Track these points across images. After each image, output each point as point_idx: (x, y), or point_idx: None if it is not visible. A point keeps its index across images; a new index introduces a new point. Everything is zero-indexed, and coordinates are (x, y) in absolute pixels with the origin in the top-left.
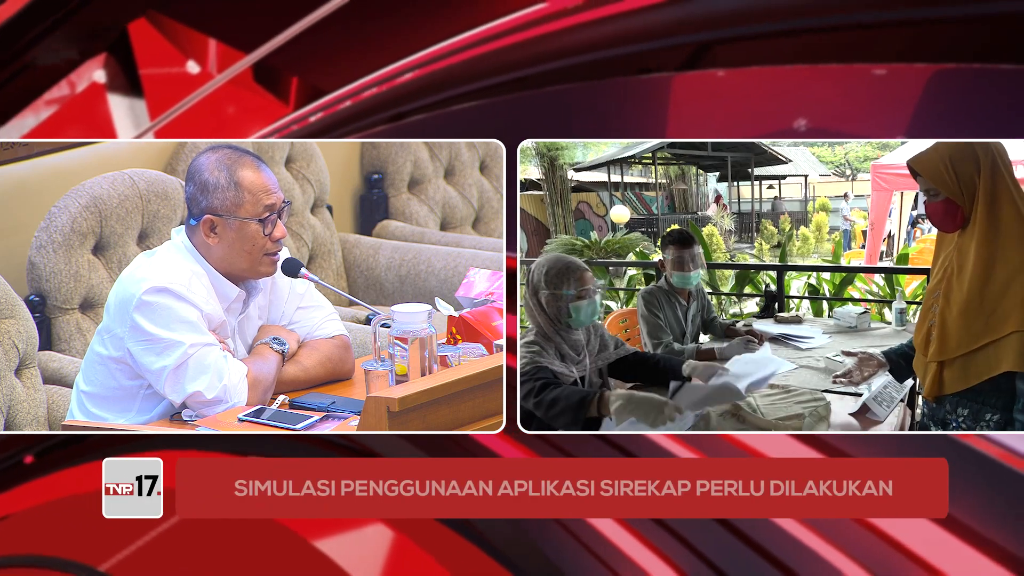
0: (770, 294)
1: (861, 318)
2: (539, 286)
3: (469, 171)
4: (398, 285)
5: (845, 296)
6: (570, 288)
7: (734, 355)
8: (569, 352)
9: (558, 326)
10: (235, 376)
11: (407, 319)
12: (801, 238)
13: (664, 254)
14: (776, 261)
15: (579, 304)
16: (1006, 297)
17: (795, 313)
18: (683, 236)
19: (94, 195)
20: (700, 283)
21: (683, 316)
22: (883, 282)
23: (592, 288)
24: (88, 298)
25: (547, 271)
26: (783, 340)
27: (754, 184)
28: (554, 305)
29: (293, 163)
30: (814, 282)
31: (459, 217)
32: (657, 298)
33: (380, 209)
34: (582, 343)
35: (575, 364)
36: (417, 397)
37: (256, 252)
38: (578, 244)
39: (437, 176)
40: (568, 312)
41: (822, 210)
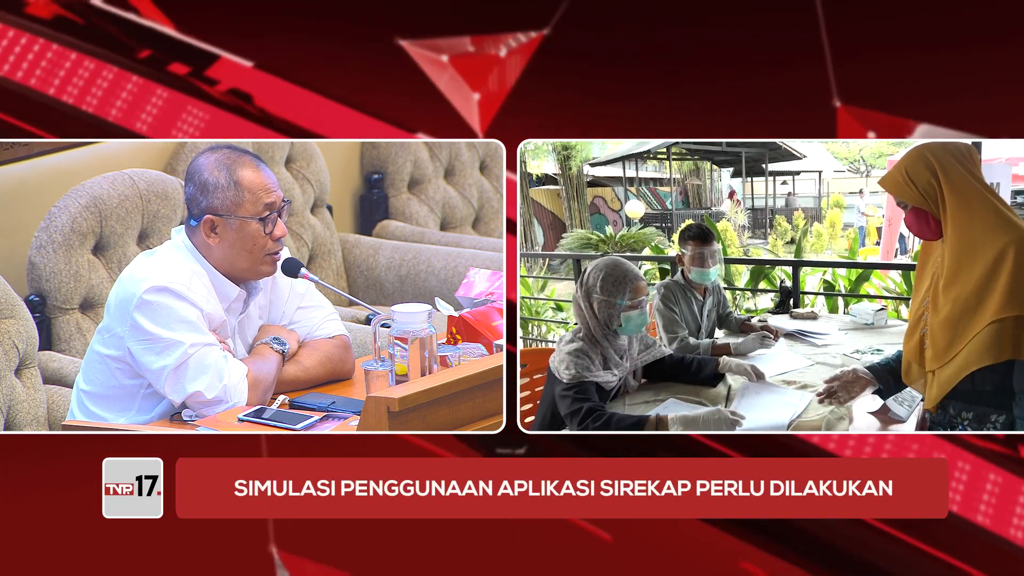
0: (785, 290)
1: (878, 315)
2: (593, 290)
3: (469, 171)
4: (398, 285)
5: (861, 292)
6: (624, 298)
7: (749, 350)
8: (613, 356)
9: (606, 331)
10: (235, 376)
11: (407, 319)
12: (815, 234)
13: (683, 249)
14: (790, 257)
15: (631, 314)
16: (984, 290)
17: (810, 309)
18: (703, 232)
19: (94, 195)
20: (717, 279)
21: (699, 311)
22: (900, 279)
23: (645, 299)
24: (88, 298)
25: (604, 277)
26: (798, 336)
27: (768, 180)
28: (606, 312)
29: (293, 163)
30: (829, 278)
31: (459, 217)
32: (673, 292)
33: (380, 209)
34: (625, 348)
35: (617, 368)
36: (417, 397)
37: (257, 251)
38: (593, 238)
39: (437, 176)
40: (620, 321)
41: (836, 207)
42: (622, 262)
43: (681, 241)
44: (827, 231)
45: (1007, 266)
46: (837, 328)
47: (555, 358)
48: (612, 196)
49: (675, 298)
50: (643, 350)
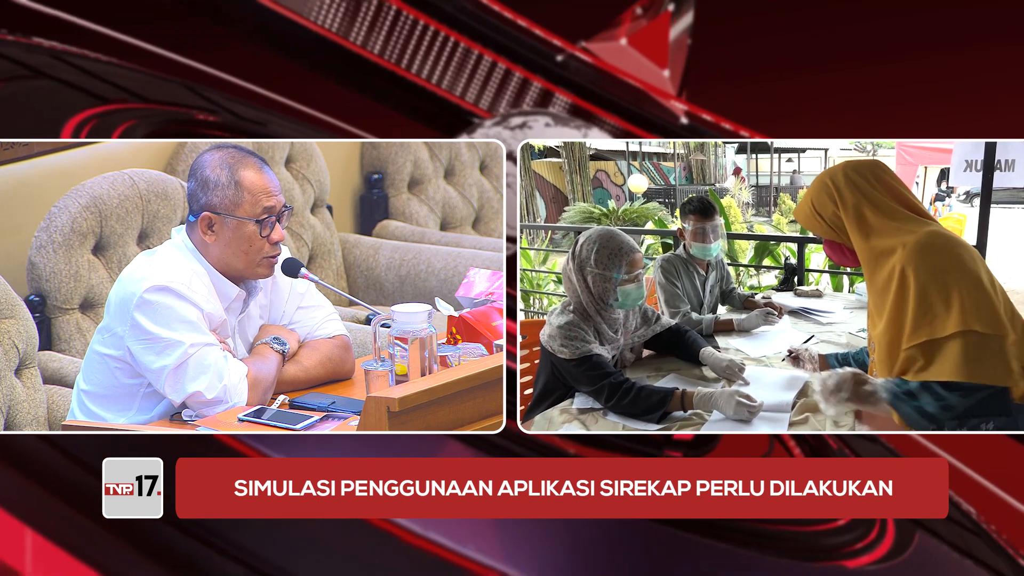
0: (790, 267)
1: None
2: (586, 263)
3: (469, 171)
4: (398, 285)
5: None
6: (620, 271)
7: (753, 327)
8: (607, 331)
9: (600, 306)
10: (235, 376)
11: (407, 319)
12: None
13: (684, 223)
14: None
15: (628, 288)
16: (896, 320)
17: (815, 287)
18: (704, 206)
19: (94, 195)
20: (720, 254)
21: (701, 286)
22: None
23: (642, 272)
24: (88, 298)
25: (598, 249)
26: (802, 314)
27: (773, 157)
28: (601, 286)
29: (293, 163)
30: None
31: (459, 217)
32: (675, 266)
33: (380, 209)
34: (620, 322)
35: (610, 343)
36: (417, 397)
37: (253, 253)
38: (596, 212)
39: (437, 176)
40: (616, 296)
41: None
42: (617, 233)
43: (682, 215)
44: None
45: (909, 292)
46: (842, 306)
47: (545, 332)
48: (615, 170)
49: (677, 272)
50: (643, 325)
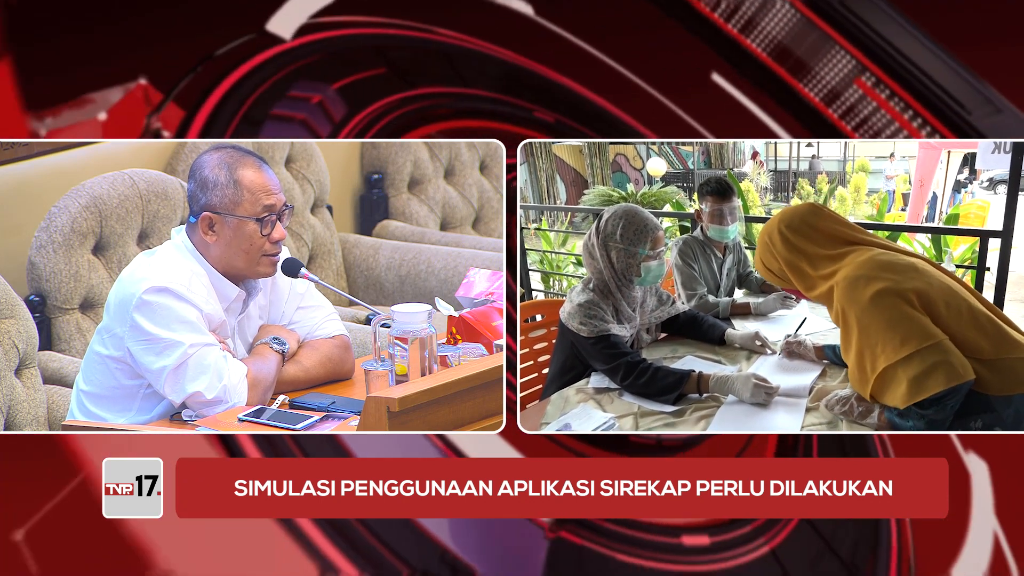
0: None
1: None
2: (611, 238)
3: (469, 171)
4: (398, 285)
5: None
6: (645, 247)
7: (770, 310)
8: (626, 309)
9: (621, 282)
10: (235, 376)
11: (407, 319)
12: (839, 199)
13: (701, 205)
14: None
15: (650, 264)
16: (862, 352)
17: None
18: (722, 187)
19: (94, 195)
20: (737, 236)
21: (718, 268)
22: (929, 244)
23: (663, 249)
24: (88, 298)
25: (624, 225)
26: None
27: (792, 142)
28: (624, 261)
29: (293, 163)
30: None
31: (459, 217)
32: (692, 248)
33: (380, 209)
34: (638, 301)
35: (628, 322)
36: (417, 397)
37: (253, 252)
38: (615, 196)
39: (437, 176)
40: (639, 271)
41: (861, 171)
42: (641, 210)
43: (700, 196)
44: (851, 196)
45: (852, 329)
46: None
47: (565, 309)
48: (634, 154)
49: (693, 254)
50: (658, 306)
